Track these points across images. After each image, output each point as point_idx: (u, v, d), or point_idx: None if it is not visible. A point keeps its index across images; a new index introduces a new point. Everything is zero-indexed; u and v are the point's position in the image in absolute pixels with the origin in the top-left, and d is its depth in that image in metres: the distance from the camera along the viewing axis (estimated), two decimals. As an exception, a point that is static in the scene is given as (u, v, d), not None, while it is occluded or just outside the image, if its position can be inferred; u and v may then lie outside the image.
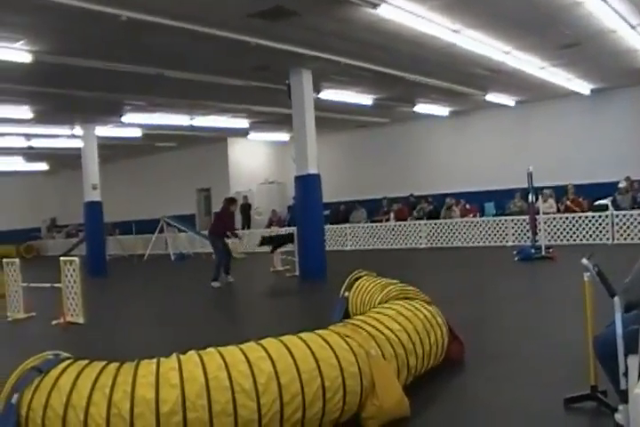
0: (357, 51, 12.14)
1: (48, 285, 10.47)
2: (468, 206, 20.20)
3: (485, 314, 8.37)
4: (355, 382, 4.28)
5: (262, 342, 4.33)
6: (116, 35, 10.04)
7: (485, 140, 21.23)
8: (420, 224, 19.54)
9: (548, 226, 16.42)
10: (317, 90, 14.74)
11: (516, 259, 13.69)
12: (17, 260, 11.21)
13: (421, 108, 19.62)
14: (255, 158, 26.60)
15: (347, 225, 21.33)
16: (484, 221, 18.43)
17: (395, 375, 4.58)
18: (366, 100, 17.44)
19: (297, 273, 13.93)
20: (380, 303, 5.81)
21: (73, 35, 9.93)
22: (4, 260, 11.47)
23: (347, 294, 7.13)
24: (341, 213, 23.13)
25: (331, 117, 19.40)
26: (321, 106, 15.20)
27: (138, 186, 28.15)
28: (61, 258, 10.36)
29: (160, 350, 4.39)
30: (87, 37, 10.13)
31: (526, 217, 15.99)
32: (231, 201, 14.16)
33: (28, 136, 19.89)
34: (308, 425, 4.09)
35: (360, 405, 4.36)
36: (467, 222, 18.75)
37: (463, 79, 15.73)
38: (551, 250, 13.91)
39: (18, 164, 26.33)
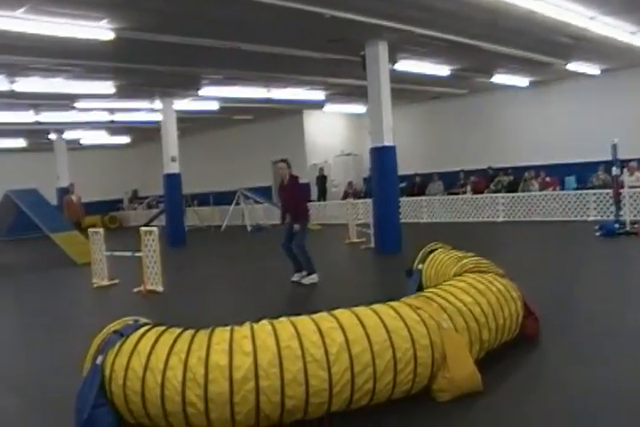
0: (433, 20, 11.87)
1: (129, 254, 10.86)
2: (547, 179, 19.68)
3: (563, 290, 8.19)
4: (426, 354, 4.30)
5: (334, 312, 4.38)
6: (193, 9, 10.13)
7: (567, 111, 20.50)
8: (497, 197, 19.15)
9: (635, 200, 15.82)
10: (393, 61, 14.53)
11: (598, 234, 13.26)
12: (101, 230, 11.66)
13: (499, 78, 19.06)
14: (331, 130, 26.56)
15: (423, 198, 21.12)
16: (564, 195, 17.89)
17: (466, 348, 4.57)
18: (443, 70, 17.09)
19: (372, 245, 13.95)
20: (453, 276, 5.78)
21: (152, 11, 10.06)
22: (90, 229, 11.95)
23: (420, 266, 7.12)
24: (417, 185, 22.94)
25: (406, 89, 19.13)
26: (396, 77, 14.98)
27: (215, 158, 28.58)
28: (142, 228, 10.70)
29: (234, 318, 4.51)
30: (165, 13, 10.25)
31: (609, 191, 15.42)
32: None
33: (111, 110, 20.46)
34: (378, 396, 4.14)
35: (431, 377, 4.38)
36: (546, 196, 18.27)
37: (543, 48, 15.15)
38: (637, 225, 13.40)
39: (102, 137, 27.17)
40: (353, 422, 4.14)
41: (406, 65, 15.48)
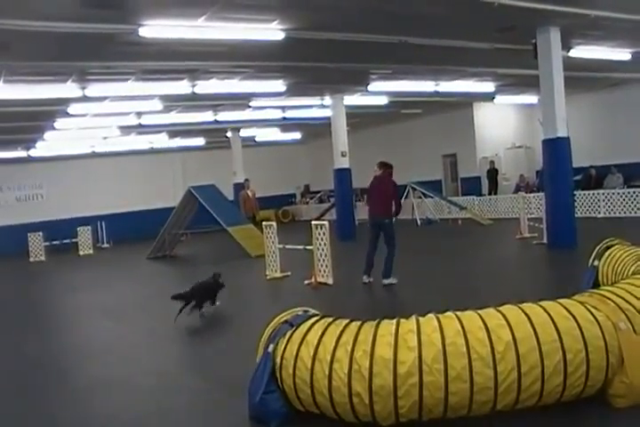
0: (609, 1, 11.17)
1: (301, 247, 11.24)
2: None
3: None
4: (600, 357, 4.08)
5: (501, 308, 4.28)
6: (360, 6, 10.27)
7: None
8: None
9: None
10: (567, 47, 13.86)
11: None
12: (274, 224, 12.15)
13: (689, 60, 17.57)
14: (501, 122, 25.81)
15: (600, 191, 19.99)
16: None
17: (646, 352, 4.29)
18: (622, 54, 16.03)
19: (544, 240, 13.44)
20: (633, 274, 5.44)
21: (320, 10, 10.33)
22: (264, 223, 12.49)
23: (596, 263, 6.81)
24: (594, 178, 21.74)
25: (581, 76, 18.11)
26: (570, 64, 14.25)
27: (384, 153, 28.56)
28: (313, 222, 11.03)
29: (401, 311, 4.56)
30: (332, 11, 10.46)
31: None
32: (390, 166, 11.27)
33: (282, 108, 21.22)
34: (546, 397, 4.00)
35: (606, 381, 4.15)
36: None
37: None
38: None
39: (275, 134, 28.24)
40: (520, 421, 4.06)
41: (581, 51, 14.69)
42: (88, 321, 9.55)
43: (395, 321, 4.15)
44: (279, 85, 16.43)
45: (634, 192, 18.91)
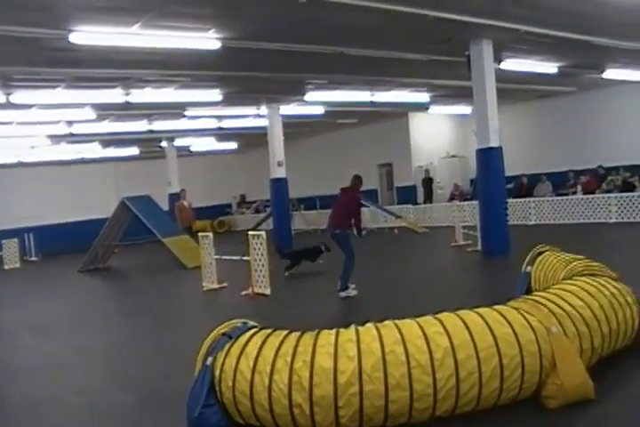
0: (538, 17, 11.52)
1: (238, 258, 11.14)
2: (666, 178, 18.69)
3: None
4: (534, 361, 4.19)
5: (439, 316, 4.34)
6: (296, 16, 10.29)
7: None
8: (609, 197, 18.32)
9: None
10: (498, 60, 14.23)
11: None
12: (210, 234, 12.02)
13: (611, 73, 18.24)
14: (436, 132, 26.30)
15: (531, 199, 20.52)
16: (683, 194, 16.93)
17: (577, 354, 4.41)
18: (550, 68, 16.55)
19: (479, 248, 13.70)
20: (563, 279, 5.59)
21: (257, 20, 10.32)
22: (200, 234, 12.34)
23: (529, 269, 6.94)
24: (525, 186, 22.34)
25: (512, 88, 18.65)
26: (502, 77, 14.64)
27: (321, 162, 28.87)
28: (249, 232, 10.95)
29: (340, 321, 4.55)
30: (269, 21, 10.48)
31: None
32: (359, 180, 11.25)
33: (218, 117, 21.08)
34: (484, 402, 4.07)
35: (539, 384, 4.26)
36: (664, 195, 17.32)
37: (660, 39, 14.40)
38: None
39: (210, 144, 28.02)
40: (458, 426, 4.09)
41: (512, 64, 15.11)
42: (13, 339, 9.09)
43: (334, 331, 4.14)
44: (215, 95, 16.32)
45: (562, 200, 19.49)
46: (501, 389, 4.06)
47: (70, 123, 18.18)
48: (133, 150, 26.78)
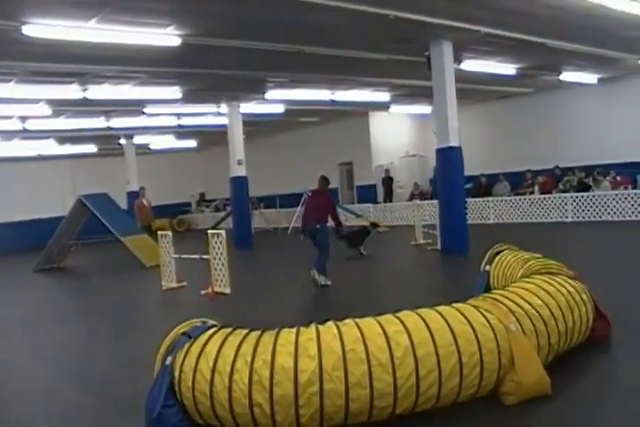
0: (499, 19, 11.68)
1: (197, 256, 11.04)
2: (618, 178, 19.09)
3: (635, 292, 7.92)
4: (493, 359, 4.22)
5: (399, 314, 4.35)
6: (257, 14, 10.24)
7: (638, 108, 19.84)
8: (565, 197, 18.68)
9: None
10: (458, 61, 14.36)
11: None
12: (170, 233, 11.88)
13: (567, 75, 18.61)
14: (396, 131, 26.45)
15: (489, 198, 20.80)
16: (636, 194, 17.32)
17: (535, 352, 4.47)
18: (508, 69, 16.79)
19: (438, 247, 13.82)
20: (521, 278, 5.66)
21: (217, 17, 10.24)
22: (159, 233, 12.20)
23: (488, 267, 7.01)
24: (484, 186, 22.62)
25: (472, 89, 18.88)
26: (462, 77, 14.80)
27: (281, 161, 28.82)
28: (209, 231, 10.86)
29: (301, 320, 4.53)
30: (230, 18, 10.41)
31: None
32: (327, 181, 12.01)
33: (178, 115, 20.87)
34: (443, 400, 4.09)
35: (498, 381, 4.30)
36: (617, 195, 17.71)
37: (613, 43, 14.68)
38: None
39: (170, 141, 27.73)
40: (418, 423, 4.11)
41: (471, 64, 15.28)
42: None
43: (294, 330, 4.12)
44: (175, 92, 16.16)
45: (520, 199, 19.78)
46: (461, 386, 4.09)
47: (24, 118, 17.77)
48: (91, 148, 26.36)
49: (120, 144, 26.09)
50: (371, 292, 9.71)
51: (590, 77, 19.56)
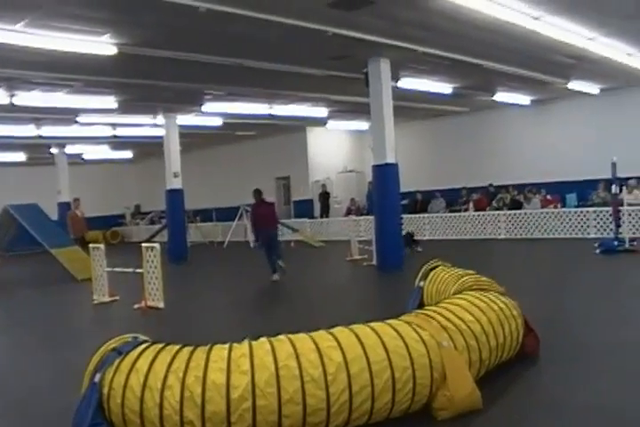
0: (435, 39, 11.94)
1: (131, 270, 10.83)
2: (549, 197, 19.68)
3: (564, 307, 8.15)
4: (425, 374, 4.27)
5: (333, 330, 4.36)
6: (196, 26, 10.18)
7: (568, 130, 20.56)
8: (498, 215, 19.15)
9: (633, 218, 15.81)
10: (395, 78, 14.59)
11: (598, 251, 13.26)
12: (102, 245, 11.62)
13: (501, 96, 19.18)
14: (334, 147, 26.63)
15: (425, 215, 21.12)
16: (565, 213, 17.88)
17: (466, 367, 4.54)
18: (445, 88, 17.17)
19: (374, 262, 13.91)
20: (454, 294, 5.75)
21: (155, 27, 10.13)
22: (91, 245, 11.91)
23: (422, 283, 7.10)
24: (419, 202, 22.95)
25: (409, 106, 19.21)
26: (399, 95, 15.05)
27: (218, 174, 28.63)
28: (143, 244, 10.68)
29: (234, 336, 4.49)
30: (168, 29, 10.31)
31: (609, 209, 15.40)
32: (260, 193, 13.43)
33: (113, 125, 20.51)
34: (376, 415, 4.11)
35: (430, 396, 4.34)
36: (547, 213, 18.24)
37: (544, 67, 15.24)
38: (635, 243, 13.44)
39: (104, 152, 27.20)
40: (351, 442, 4.10)
41: (408, 82, 15.56)
42: None
43: (227, 346, 4.08)
44: (110, 102, 15.87)
45: (455, 216, 20.16)
46: (394, 401, 4.11)
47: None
48: (20, 156, 25.60)
49: (51, 153, 25.43)
50: (304, 308, 9.69)
51: (523, 99, 20.20)
